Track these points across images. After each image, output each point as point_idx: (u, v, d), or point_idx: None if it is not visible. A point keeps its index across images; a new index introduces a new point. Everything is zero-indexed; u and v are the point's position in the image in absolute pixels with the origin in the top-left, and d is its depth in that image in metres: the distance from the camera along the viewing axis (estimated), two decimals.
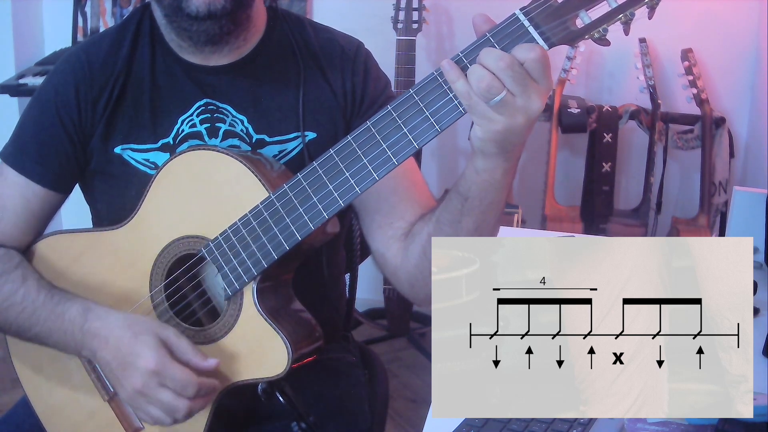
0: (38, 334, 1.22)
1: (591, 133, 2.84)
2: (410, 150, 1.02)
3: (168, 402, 1.12)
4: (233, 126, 1.27)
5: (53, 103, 1.27)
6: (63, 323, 1.20)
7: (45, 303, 1.21)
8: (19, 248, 1.28)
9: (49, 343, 1.23)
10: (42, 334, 1.22)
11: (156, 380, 1.12)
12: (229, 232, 1.14)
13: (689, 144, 2.84)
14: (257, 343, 1.15)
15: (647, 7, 0.92)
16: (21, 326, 1.23)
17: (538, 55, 0.93)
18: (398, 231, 1.23)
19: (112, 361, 1.16)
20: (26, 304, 1.22)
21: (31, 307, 1.22)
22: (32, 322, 1.22)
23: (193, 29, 1.20)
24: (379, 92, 1.32)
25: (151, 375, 1.12)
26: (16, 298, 1.22)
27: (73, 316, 1.19)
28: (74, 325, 1.19)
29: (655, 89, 2.76)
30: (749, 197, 1.64)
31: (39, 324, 1.21)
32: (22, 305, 1.22)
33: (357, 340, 1.58)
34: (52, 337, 1.21)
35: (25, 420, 1.33)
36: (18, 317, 1.22)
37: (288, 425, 1.21)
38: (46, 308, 1.21)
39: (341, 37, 1.34)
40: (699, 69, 2.77)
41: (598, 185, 2.81)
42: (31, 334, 1.23)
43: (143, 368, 1.12)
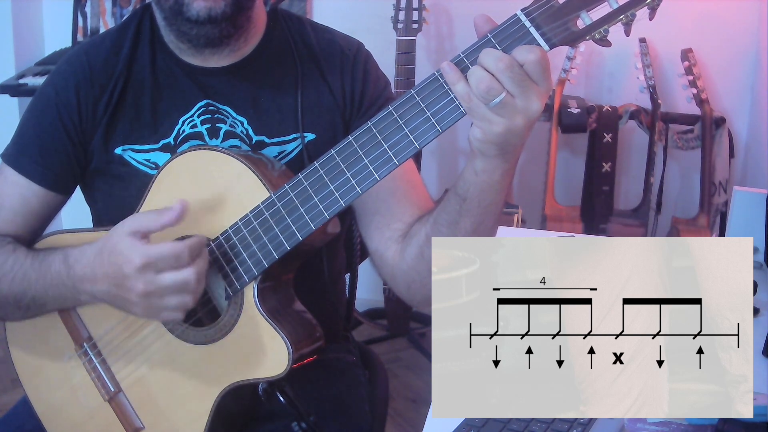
0: (35, 297, 1.22)
1: (591, 133, 2.85)
2: (411, 150, 1.02)
3: (174, 281, 1.08)
4: (233, 127, 1.27)
5: (54, 104, 1.27)
6: (52, 277, 1.19)
7: (32, 264, 1.21)
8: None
9: (48, 303, 1.22)
10: (38, 296, 1.21)
11: (151, 271, 1.08)
12: (230, 231, 1.14)
13: (689, 144, 2.85)
14: (258, 343, 1.15)
15: (648, 7, 0.92)
16: (16, 294, 1.22)
17: (538, 56, 0.93)
18: (396, 232, 1.24)
19: (110, 289, 1.13)
20: (16, 269, 1.22)
21: (21, 272, 1.22)
22: (25, 286, 1.21)
23: (193, 33, 1.20)
24: (379, 93, 1.32)
25: (142, 270, 1.08)
26: (5, 268, 1.23)
27: (57, 268, 1.19)
28: (61, 275, 1.18)
29: (655, 89, 2.77)
30: (749, 197, 1.64)
31: (32, 286, 1.21)
32: (12, 272, 1.22)
33: (357, 340, 1.58)
34: (48, 294, 1.21)
35: (26, 420, 1.33)
36: (11, 286, 1.22)
37: (288, 425, 1.21)
38: (33, 268, 1.21)
39: (341, 38, 1.34)
40: (699, 69, 2.77)
41: (598, 185, 2.81)
42: (28, 300, 1.22)
43: (132, 270, 1.09)
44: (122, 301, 1.13)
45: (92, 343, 1.26)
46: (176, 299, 1.10)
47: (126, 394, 1.25)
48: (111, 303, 1.17)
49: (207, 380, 1.18)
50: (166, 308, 1.11)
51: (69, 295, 1.19)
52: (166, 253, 1.08)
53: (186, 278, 1.08)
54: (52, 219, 1.33)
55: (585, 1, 0.93)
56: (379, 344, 3.03)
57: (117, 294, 1.13)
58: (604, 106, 2.83)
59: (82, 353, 1.26)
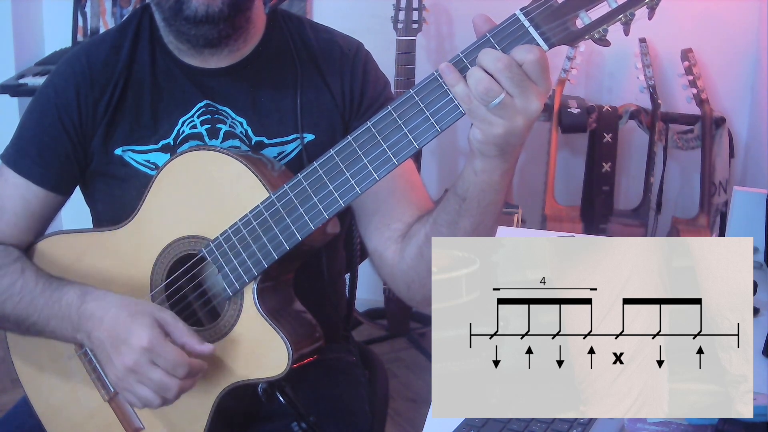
0: (35, 323, 1.22)
1: (591, 133, 2.84)
2: (411, 150, 1.02)
3: (159, 380, 1.11)
4: (233, 128, 1.27)
5: (54, 105, 1.27)
6: (60, 308, 1.19)
7: (43, 291, 1.21)
8: (18, 248, 1.28)
9: (46, 332, 1.22)
10: (39, 323, 1.21)
11: (147, 358, 1.11)
12: (230, 232, 1.14)
13: (689, 144, 2.84)
14: (257, 344, 1.15)
15: (647, 7, 0.92)
16: (19, 316, 1.22)
17: (537, 56, 0.93)
18: (395, 232, 1.23)
19: (105, 340, 1.15)
20: (24, 293, 1.22)
21: (29, 297, 1.21)
22: (30, 311, 1.21)
23: (191, 33, 1.20)
24: (378, 93, 1.32)
25: (143, 352, 1.11)
26: (14, 290, 1.22)
27: (70, 300, 1.19)
28: (71, 308, 1.18)
29: (655, 89, 2.76)
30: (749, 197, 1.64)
31: (36, 312, 1.21)
32: (20, 295, 1.22)
33: (357, 340, 1.58)
34: (49, 325, 1.21)
35: (26, 420, 1.33)
36: (15, 308, 1.22)
37: (288, 425, 1.21)
38: (44, 295, 1.21)
39: (341, 38, 1.34)
40: (699, 69, 2.77)
41: (598, 185, 2.81)
42: (29, 324, 1.22)
43: (136, 345, 1.11)
44: (106, 356, 1.16)
45: None
46: (147, 393, 1.13)
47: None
48: (96, 352, 1.19)
49: (207, 380, 1.18)
50: (134, 393, 1.14)
51: (69, 329, 1.20)
52: (170, 356, 1.11)
53: (169, 386, 1.12)
54: (53, 219, 1.33)
55: (584, 0, 0.93)
56: (379, 344, 3.03)
57: (107, 350, 1.15)
58: (604, 106, 2.83)
59: (82, 353, 1.26)
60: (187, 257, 1.18)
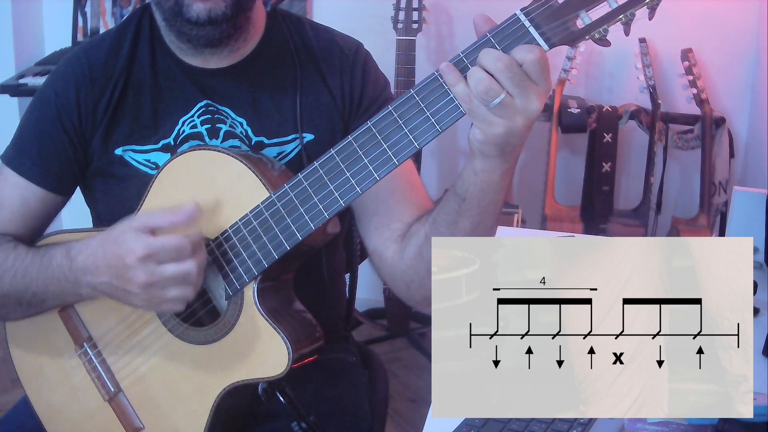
0: (36, 293, 1.21)
1: (591, 133, 2.85)
2: (411, 150, 1.02)
3: (175, 272, 1.09)
4: (233, 128, 1.27)
5: (54, 105, 1.27)
6: (53, 271, 1.19)
7: (33, 259, 1.21)
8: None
9: (48, 299, 1.22)
10: (39, 291, 1.21)
11: (152, 262, 1.09)
12: (230, 231, 1.14)
13: (689, 144, 2.85)
14: (258, 343, 1.15)
15: (648, 7, 0.92)
16: (18, 290, 1.22)
17: (537, 56, 0.93)
18: (395, 232, 1.24)
19: (111, 280, 1.13)
20: (17, 265, 1.22)
21: (22, 268, 1.22)
22: (27, 281, 1.21)
23: (193, 33, 1.20)
24: (378, 93, 1.32)
25: (144, 261, 1.09)
26: (7, 264, 1.23)
27: (59, 261, 1.19)
28: (63, 269, 1.18)
29: (655, 89, 2.77)
30: (749, 197, 1.64)
31: (33, 281, 1.21)
32: (14, 269, 1.22)
33: (357, 340, 1.58)
34: (49, 290, 1.21)
35: (26, 420, 1.33)
36: (13, 282, 1.22)
37: (288, 425, 1.21)
38: (35, 264, 1.21)
39: (341, 37, 1.34)
40: (699, 69, 2.77)
41: (598, 185, 2.81)
42: (30, 296, 1.22)
43: (134, 260, 1.09)
44: (123, 292, 1.13)
45: (92, 343, 1.26)
46: (177, 290, 1.10)
47: (126, 394, 1.25)
48: (112, 295, 1.16)
49: (207, 380, 1.18)
50: (166, 299, 1.11)
51: (70, 289, 1.19)
52: (169, 245, 1.08)
53: (187, 270, 1.09)
54: (53, 220, 1.33)
55: (584, 0, 0.93)
56: (379, 344, 3.03)
57: (118, 285, 1.12)
58: (604, 106, 2.83)
59: (82, 353, 1.26)
60: None
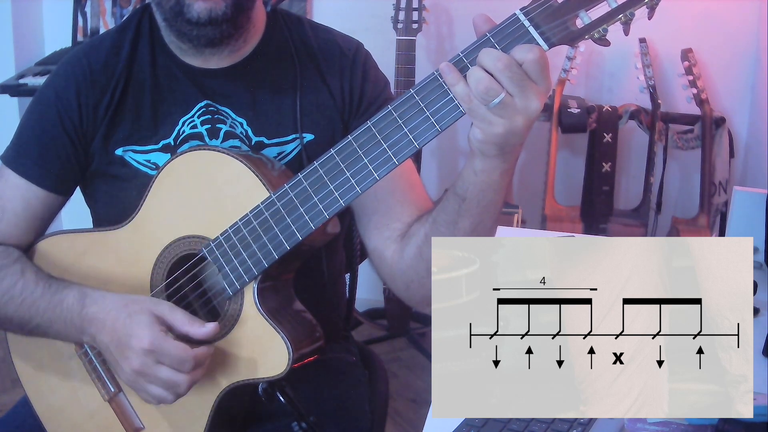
0: (39, 325, 1.22)
1: (591, 133, 2.85)
2: (411, 150, 1.02)
3: (167, 378, 1.12)
4: (233, 128, 1.27)
5: (54, 106, 1.27)
6: (62, 311, 1.20)
7: (43, 293, 1.21)
8: (18, 248, 1.28)
9: (50, 334, 1.23)
10: (43, 325, 1.22)
11: (152, 358, 1.12)
12: (230, 231, 1.14)
13: (689, 144, 2.85)
14: (258, 343, 1.15)
15: (647, 7, 0.92)
16: (22, 319, 1.22)
17: (537, 55, 0.93)
18: (395, 232, 1.24)
19: (110, 344, 1.15)
20: (25, 295, 1.22)
21: (30, 299, 1.22)
22: (32, 313, 1.21)
23: (193, 33, 1.20)
24: (378, 93, 1.32)
25: (146, 354, 1.11)
26: (14, 291, 1.22)
27: (70, 304, 1.19)
28: (72, 312, 1.19)
29: (655, 89, 2.77)
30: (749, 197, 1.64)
31: (39, 315, 1.21)
32: (21, 297, 1.22)
33: (357, 340, 1.58)
34: (53, 327, 1.21)
35: (26, 420, 1.33)
36: (18, 310, 1.22)
37: (288, 425, 1.21)
38: (44, 298, 1.21)
39: (340, 37, 1.34)
40: (699, 69, 2.77)
41: (598, 185, 2.81)
42: (32, 326, 1.22)
43: (138, 348, 1.12)
44: (115, 361, 1.17)
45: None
46: (160, 391, 1.14)
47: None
48: (105, 355, 1.19)
49: (207, 380, 1.18)
50: (147, 392, 1.15)
51: (73, 332, 1.20)
52: (174, 353, 1.11)
53: (179, 382, 1.12)
54: (53, 220, 1.33)
55: (584, 0, 0.93)
56: (379, 344, 3.03)
57: (114, 352, 1.16)
58: (604, 106, 2.83)
59: (82, 353, 1.26)
60: (188, 257, 1.18)
